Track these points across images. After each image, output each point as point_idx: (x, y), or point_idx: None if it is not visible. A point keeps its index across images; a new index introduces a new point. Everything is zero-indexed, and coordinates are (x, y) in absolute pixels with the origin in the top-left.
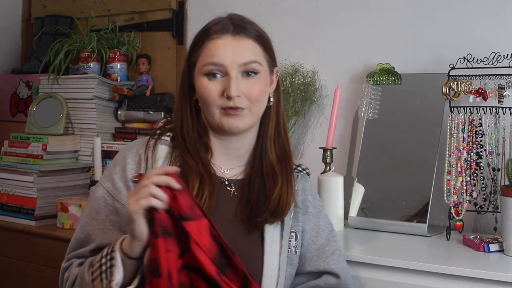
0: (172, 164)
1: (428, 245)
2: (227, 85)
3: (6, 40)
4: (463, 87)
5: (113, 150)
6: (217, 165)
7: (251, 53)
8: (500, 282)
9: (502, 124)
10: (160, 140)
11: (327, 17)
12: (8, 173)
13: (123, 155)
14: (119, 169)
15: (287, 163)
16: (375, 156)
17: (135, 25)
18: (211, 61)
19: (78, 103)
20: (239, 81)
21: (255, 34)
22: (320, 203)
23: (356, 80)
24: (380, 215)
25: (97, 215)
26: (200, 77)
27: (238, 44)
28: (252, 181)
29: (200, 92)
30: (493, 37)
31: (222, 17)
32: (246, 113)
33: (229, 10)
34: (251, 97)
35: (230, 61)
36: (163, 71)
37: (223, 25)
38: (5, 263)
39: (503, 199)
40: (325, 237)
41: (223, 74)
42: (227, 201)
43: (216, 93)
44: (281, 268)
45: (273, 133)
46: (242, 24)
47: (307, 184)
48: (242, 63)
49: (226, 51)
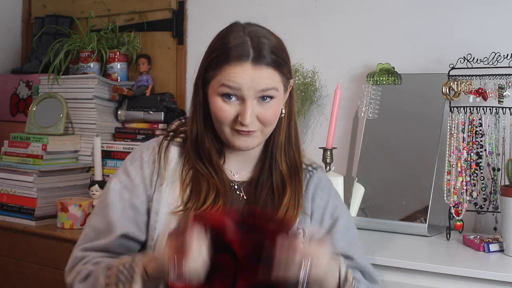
0: (184, 167)
1: (428, 245)
2: (242, 111)
3: (6, 40)
4: (463, 87)
5: (113, 150)
6: (228, 169)
7: (269, 81)
8: (500, 282)
9: (502, 124)
10: (173, 142)
11: (327, 17)
12: (8, 173)
13: (140, 153)
14: (137, 165)
15: (296, 174)
16: (375, 156)
17: (135, 25)
18: (228, 84)
19: (78, 103)
20: (254, 108)
21: (276, 61)
22: (328, 197)
23: (356, 80)
24: (380, 215)
25: (115, 206)
26: (215, 96)
27: (257, 73)
28: (260, 188)
29: (214, 111)
30: (493, 37)
31: (240, 35)
32: (257, 135)
33: (229, 10)
34: (265, 121)
35: (247, 87)
36: (163, 71)
37: (243, 50)
38: (5, 263)
39: (503, 199)
40: (330, 222)
41: (238, 99)
42: (237, 205)
43: (230, 116)
44: None
45: (283, 143)
46: (261, 49)
47: (319, 180)
48: (260, 90)
49: (245, 79)
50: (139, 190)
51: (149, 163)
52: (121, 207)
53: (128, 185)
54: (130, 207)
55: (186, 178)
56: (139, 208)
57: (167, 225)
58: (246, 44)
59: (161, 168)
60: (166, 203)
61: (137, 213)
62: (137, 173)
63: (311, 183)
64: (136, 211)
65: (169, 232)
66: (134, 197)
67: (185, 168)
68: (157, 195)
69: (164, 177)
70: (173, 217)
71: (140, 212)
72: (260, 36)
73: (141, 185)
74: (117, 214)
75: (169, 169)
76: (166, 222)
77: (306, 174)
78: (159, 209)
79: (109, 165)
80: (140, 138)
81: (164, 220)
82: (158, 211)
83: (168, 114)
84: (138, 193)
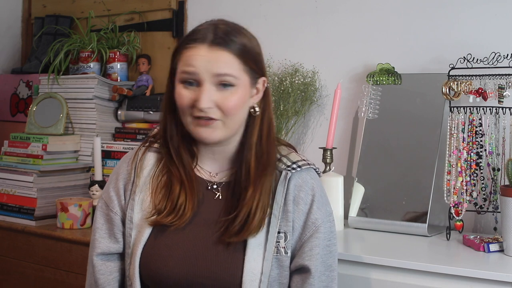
0: (158, 171)
1: (428, 245)
2: (198, 96)
3: (6, 40)
4: (463, 87)
5: (113, 150)
6: (206, 169)
7: (225, 65)
8: (500, 282)
9: (502, 124)
10: (151, 148)
11: (327, 17)
12: (8, 173)
13: (119, 165)
14: (113, 179)
15: (265, 175)
16: (375, 156)
17: (135, 25)
18: (185, 69)
19: (78, 103)
20: (212, 93)
21: (236, 48)
22: (313, 197)
23: (356, 80)
24: (380, 215)
25: (95, 225)
26: (177, 85)
27: (212, 55)
28: (233, 188)
29: (176, 99)
30: (493, 37)
31: (207, 24)
32: (219, 125)
33: (229, 10)
34: (225, 109)
35: (203, 70)
36: (163, 71)
37: (203, 35)
38: (5, 263)
39: (503, 199)
40: (309, 234)
41: (197, 84)
42: (212, 205)
43: (188, 102)
44: (263, 272)
45: (255, 143)
46: (223, 36)
47: (301, 180)
48: (215, 74)
49: (199, 60)
50: (113, 202)
51: (124, 174)
52: (100, 223)
53: (107, 199)
54: (107, 221)
55: (161, 181)
56: (114, 219)
57: (140, 232)
58: (208, 30)
59: (135, 176)
60: (139, 209)
61: (112, 225)
62: (113, 186)
63: (292, 182)
64: (111, 223)
65: None
66: (110, 210)
67: (159, 172)
68: (131, 203)
69: (137, 185)
70: (145, 223)
71: (115, 224)
72: (228, 26)
73: (115, 197)
74: (94, 235)
75: (142, 176)
76: (140, 229)
77: (285, 173)
78: (133, 216)
79: (109, 165)
80: (140, 138)
81: (138, 226)
82: (132, 219)
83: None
84: (112, 205)
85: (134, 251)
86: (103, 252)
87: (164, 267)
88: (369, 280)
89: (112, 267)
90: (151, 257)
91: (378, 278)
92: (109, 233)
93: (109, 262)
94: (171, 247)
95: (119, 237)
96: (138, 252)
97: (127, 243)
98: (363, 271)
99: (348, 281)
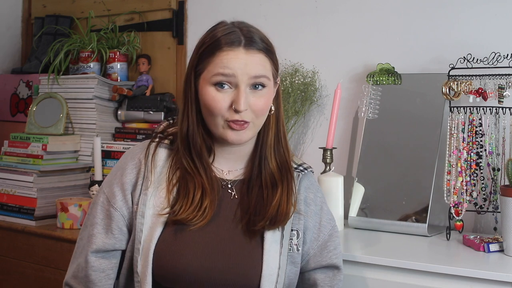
0: (171, 169)
1: (428, 245)
2: (236, 98)
3: (6, 40)
4: (463, 87)
5: (113, 150)
6: (219, 168)
7: (262, 67)
8: (500, 282)
9: (502, 124)
10: (161, 144)
11: (327, 17)
12: (8, 173)
13: (124, 159)
14: (119, 174)
15: (287, 171)
16: (375, 156)
17: (135, 25)
18: (222, 72)
19: (78, 103)
20: (247, 95)
21: (264, 47)
22: (321, 199)
23: (356, 80)
24: (380, 215)
25: (93, 220)
26: (207, 86)
27: (250, 57)
28: (251, 186)
29: (206, 102)
30: (493, 37)
31: (230, 26)
32: (250, 127)
33: (229, 10)
34: (257, 111)
35: (241, 73)
36: (163, 71)
37: (235, 37)
38: (5, 263)
39: (503, 199)
40: (327, 233)
41: (232, 86)
42: (228, 204)
43: (224, 105)
44: (281, 267)
45: (273, 141)
46: (251, 36)
47: (309, 182)
48: (253, 76)
49: (238, 63)
50: (116, 197)
51: (131, 169)
52: (100, 219)
53: (109, 194)
54: (106, 216)
55: (173, 178)
56: (113, 215)
57: (153, 227)
58: (237, 33)
59: (147, 171)
60: (152, 205)
61: (111, 221)
62: (117, 181)
63: (302, 184)
64: (110, 218)
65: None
66: (110, 205)
67: (172, 169)
68: (143, 198)
69: (150, 180)
70: (158, 219)
71: (114, 220)
72: (248, 27)
73: (119, 192)
74: (91, 230)
75: (155, 172)
76: (152, 224)
77: (297, 174)
78: (145, 211)
79: (109, 165)
80: (140, 138)
81: (150, 222)
82: (144, 214)
83: (168, 114)
84: (114, 201)
85: (147, 247)
86: (99, 249)
87: (182, 263)
88: (369, 280)
89: (106, 264)
90: (167, 254)
91: (378, 278)
92: (107, 228)
93: (103, 259)
94: (189, 244)
95: (116, 233)
96: (151, 248)
97: (137, 238)
98: (363, 271)
99: (348, 281)
